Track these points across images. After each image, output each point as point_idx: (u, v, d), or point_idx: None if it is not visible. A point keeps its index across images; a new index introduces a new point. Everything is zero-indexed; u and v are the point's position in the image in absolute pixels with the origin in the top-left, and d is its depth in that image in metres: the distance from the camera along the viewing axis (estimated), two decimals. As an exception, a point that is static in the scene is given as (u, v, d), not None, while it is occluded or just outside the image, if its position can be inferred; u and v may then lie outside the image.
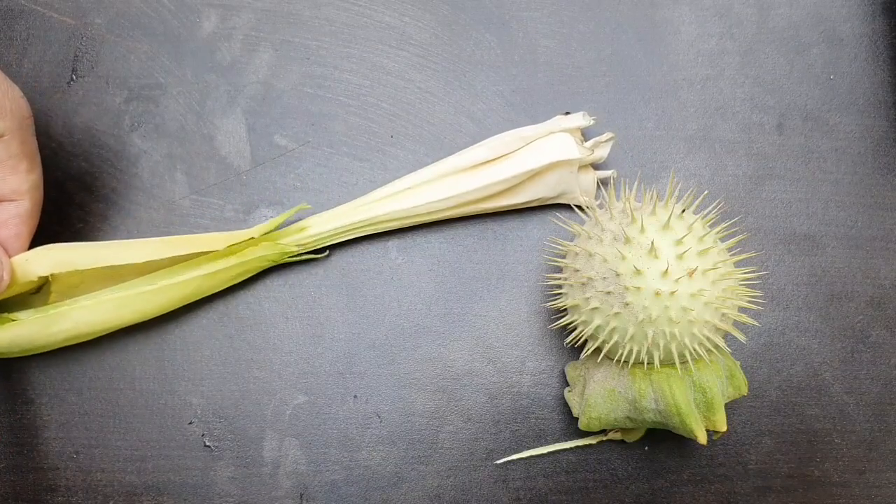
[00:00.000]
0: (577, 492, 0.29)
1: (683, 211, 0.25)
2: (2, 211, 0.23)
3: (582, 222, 0.28)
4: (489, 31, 0.32)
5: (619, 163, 0.31)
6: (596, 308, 0.25)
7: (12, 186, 0.23)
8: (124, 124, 0.30)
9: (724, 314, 0.24)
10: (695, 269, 0.23)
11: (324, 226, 0.29)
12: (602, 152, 0.30)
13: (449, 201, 0.29)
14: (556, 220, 0.30)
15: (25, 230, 0.24)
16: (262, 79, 0.31)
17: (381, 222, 0.29)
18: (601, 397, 0.26)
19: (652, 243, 0.23)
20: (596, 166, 0.30)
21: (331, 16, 0.32)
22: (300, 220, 0.29)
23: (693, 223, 0.24)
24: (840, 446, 0.30)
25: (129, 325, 0.27)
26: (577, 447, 0.29)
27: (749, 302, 0.25)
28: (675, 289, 0.23)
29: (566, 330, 0.28)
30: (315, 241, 0.29)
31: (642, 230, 0.24)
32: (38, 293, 0.27)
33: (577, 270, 0.26)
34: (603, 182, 0.30)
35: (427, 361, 0.30)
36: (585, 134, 0.30)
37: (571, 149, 0.28)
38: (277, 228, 0.29)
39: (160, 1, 0.31)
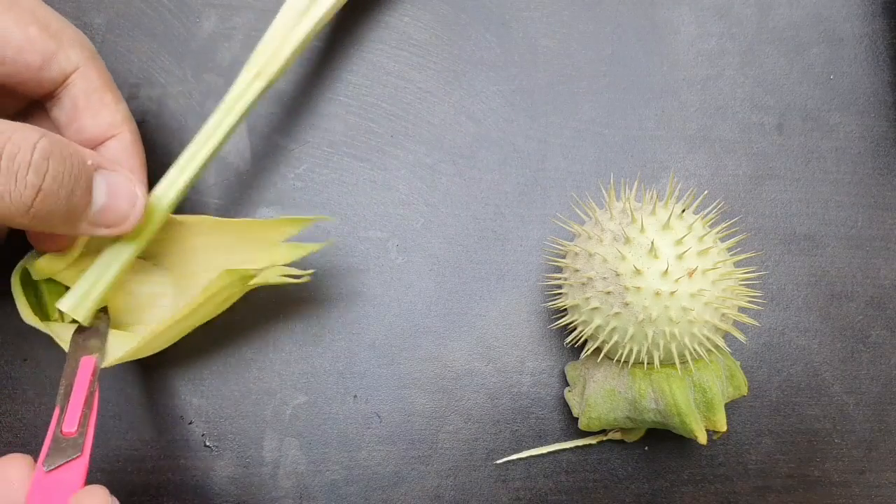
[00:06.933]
0: (577, 492, 0.29)
1: (683, 211, 0.25)
2: (110, 148, 0.22)
3: (582, 222, 0.28)
4: (489, 31, 0.32)
5: (619, 163, 0.31)
6: (596, 308, 0.25)
7: (107, 120, 0.21)
8: (124, 124, 0.30)
9: (724, 314, 0.24)
10: (695, 269, 0.23)
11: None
12: None
13: None
14: (556, 220, 0.30)
15: (138, 162, 0.23)
16: (262, 79, 0.31)
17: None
18: (601, 397, 0.26)
19: (652, 243, 0.23)
20: None
21: (331, 16, 0.32)
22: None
23: (693, 223, 0.24)
24: (840, 446, 0.30)
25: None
26: (577, 447, 0.29)
27: (749, 302, 0.25)
28: (675, 289, 0.23)
29: (566, 330, 0.28)
30: None
31: (642, 230, 0.24)
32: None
33: (577, 270, 0.26)
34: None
35: (427, 361, 0.30)
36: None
37: None
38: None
39: (160, 1, 0.31)
